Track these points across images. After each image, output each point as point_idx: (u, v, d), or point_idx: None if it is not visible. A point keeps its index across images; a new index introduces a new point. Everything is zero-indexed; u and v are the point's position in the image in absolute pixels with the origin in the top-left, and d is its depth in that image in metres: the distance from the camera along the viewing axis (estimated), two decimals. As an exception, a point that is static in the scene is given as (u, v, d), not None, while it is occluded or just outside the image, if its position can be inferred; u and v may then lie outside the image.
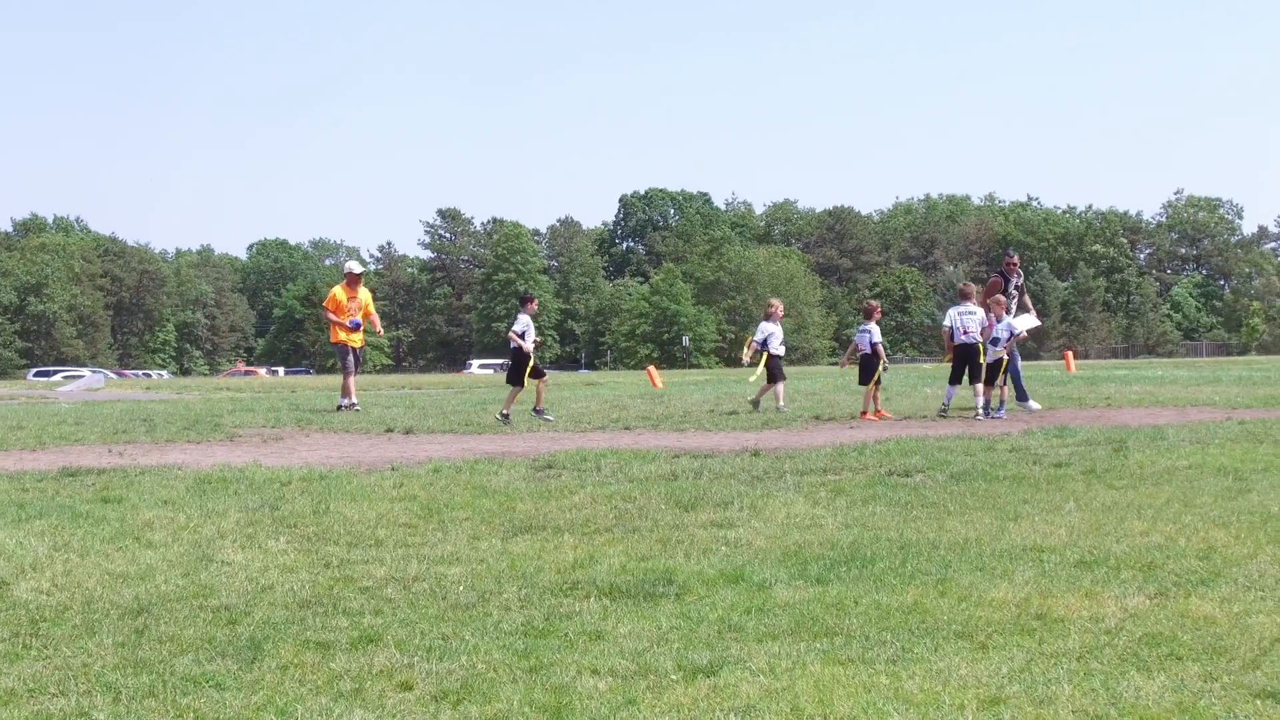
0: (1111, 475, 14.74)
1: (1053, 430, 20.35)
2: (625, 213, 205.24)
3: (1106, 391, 34.58)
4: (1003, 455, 16.90)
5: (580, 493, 13.69)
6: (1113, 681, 6.63)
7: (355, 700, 6.52)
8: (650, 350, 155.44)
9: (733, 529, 11.44)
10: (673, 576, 9.29)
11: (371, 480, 14.84)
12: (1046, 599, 8.45)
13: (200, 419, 26.59)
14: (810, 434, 21.51)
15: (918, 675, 6.79)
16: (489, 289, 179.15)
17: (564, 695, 6.53)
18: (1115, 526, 11.24)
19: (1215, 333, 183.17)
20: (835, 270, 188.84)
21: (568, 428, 23.58)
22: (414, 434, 22.51)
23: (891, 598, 8.57)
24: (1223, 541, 10.44)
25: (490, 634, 7.74)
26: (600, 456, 16.88)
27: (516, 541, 10.95)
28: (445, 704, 6.46)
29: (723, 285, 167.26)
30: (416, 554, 10.37)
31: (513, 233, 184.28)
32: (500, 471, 15.55)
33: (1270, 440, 18.21)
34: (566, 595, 8.81)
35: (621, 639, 7.58)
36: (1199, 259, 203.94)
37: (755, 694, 6.52)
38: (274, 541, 10.99)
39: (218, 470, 15.59)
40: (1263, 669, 6.81)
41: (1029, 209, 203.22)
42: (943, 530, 11.21)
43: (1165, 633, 7.54)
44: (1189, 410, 25.81)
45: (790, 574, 9.37)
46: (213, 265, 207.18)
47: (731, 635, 7.67)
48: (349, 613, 8.35)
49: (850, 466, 15.87)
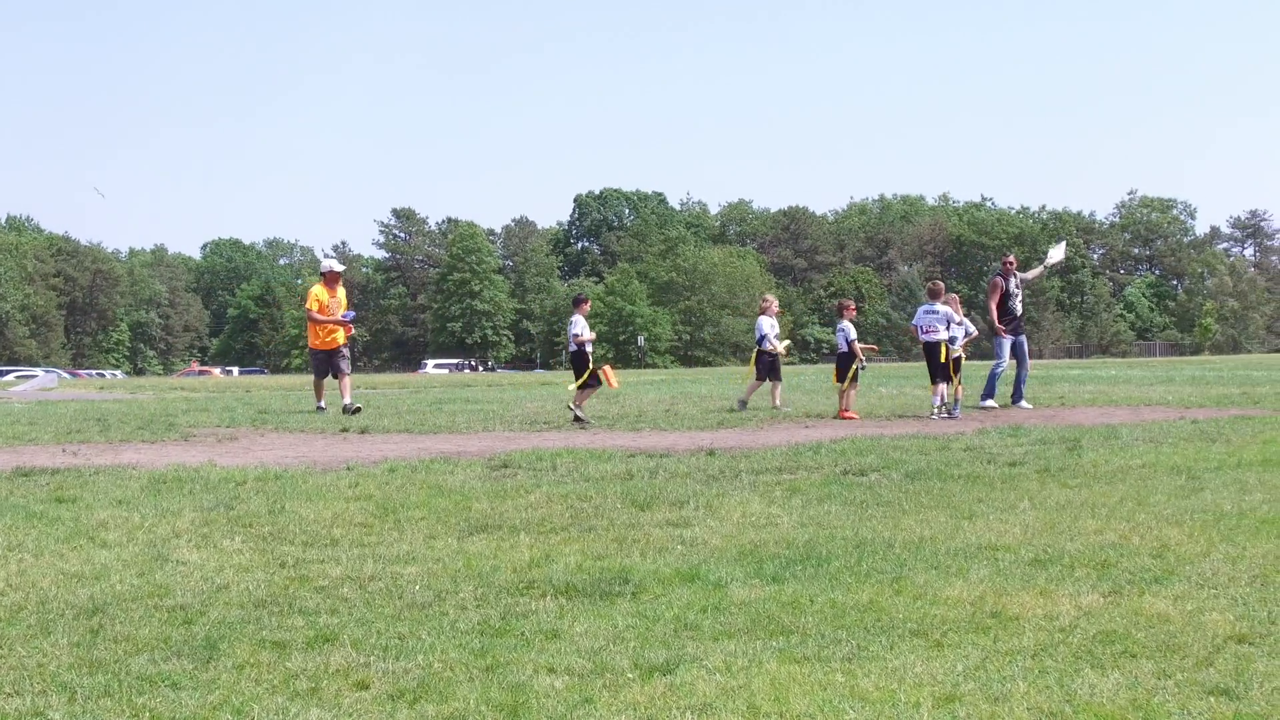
0: (1066, 474, 14.81)
1: (1007, 429, 20.45)
2: (580, 213, 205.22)
3: (1060, 391, 34.80)
4: (957, 454, 16.98)
5: (536, 492, 13.69)
6: (1067, 679, 6.66)
7: (311, 699, 6.51)
8: (606, 350, 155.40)
9: (688, 528, 11.44)
10: (629, 575, 9.30)
11: (327, 480, 14.82)
12: (1001, 597, 8.48)
13: (155, 419, 26.52)
14: (766, 433, 21.54)
15: (873, 673, 6.81)
16: (444, 289, 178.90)
17: (521, 694, 6.52)
18: (1069, 525, 11.28)
19: (1169, 333, 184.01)
20: (790, 270, 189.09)
21: (523, 427, 23.57)
22: (369, 434, 22.47)
23: (847, 596, 8.59)
24: (1176, 540, 10.49)
25: (446, 633, 7.73)
26: (556, 456, 16.88)
27: (472, 541, 10.93)
28: (402, 703, 6.45)
29: (678, 285, 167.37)
30: (372, 553, 10.34)
31: (468, 232, 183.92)
32: (456, 471, 15.54)
33: (1223, 439, 18.33)
34: (523, 594, 8.80)
35: (578, 638, 7.58)
36: (1152, 259, 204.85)
37: (711, 692, 6.53)
38: (229, 541, 10.95)
39: (172, 470, 15.55)
40: (1215, 666, 6.85)
41: (983, 209, 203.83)
42: (898, 529, 11.23)
43: (1119, 630, 7.57)
44: (1142, 410, 25.97)
45: (746, 573, 9.39)
46: (167, 265, 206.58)
47: (687, 634, 7.67)
48: (305, 612, 8.33)
49: (806, 466, 15.91)
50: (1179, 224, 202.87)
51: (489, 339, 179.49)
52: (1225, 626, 7.61)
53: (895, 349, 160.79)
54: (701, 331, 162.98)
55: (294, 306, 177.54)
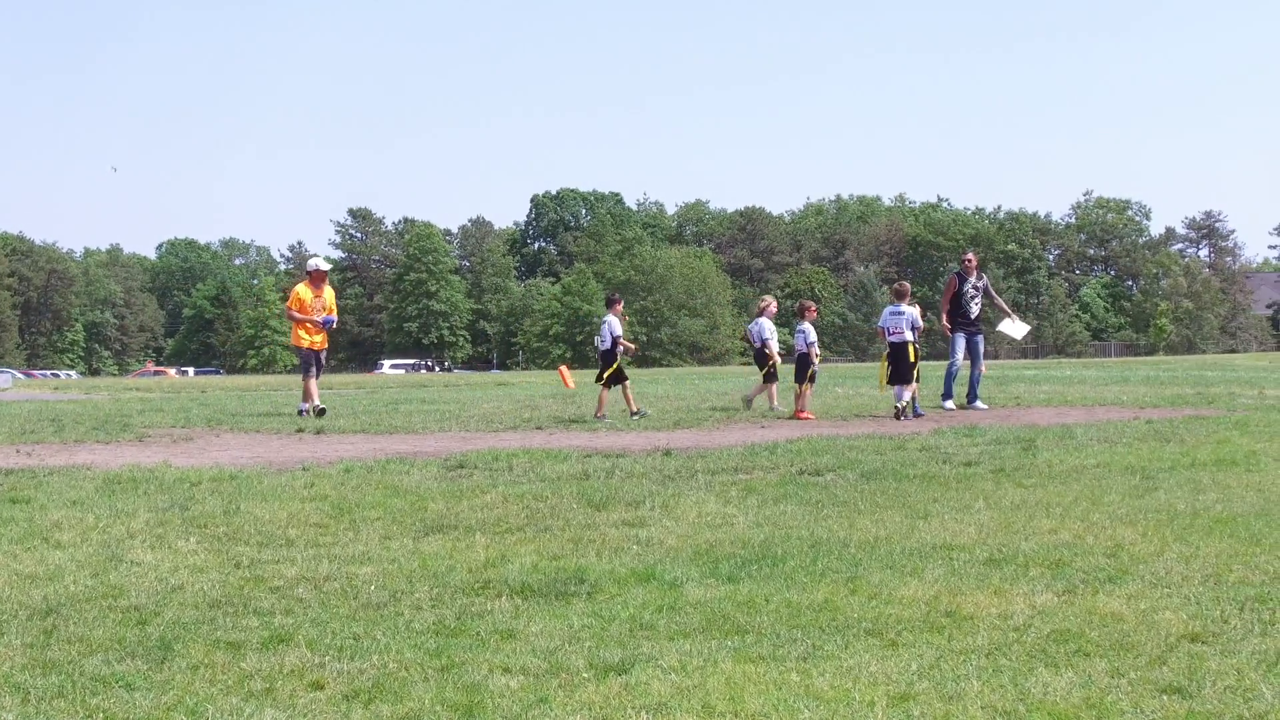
0: (1020, 474, 14.87)
1: (962, 429, 20.52)
2: (537, 213, 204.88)
3: (1016, 391, 34.91)
4: (913, 454, 17.03)
5: (492, 492, 13.69)
6: (1021, 678, 6.68)
7: (266, 700, 6.50)
8: (563, 350, 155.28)
9: (644, 528, 11.46)
10: (584, 575, 9.30)
11: (282, 480, 14.79)
12: (956, 596, 8.51)
13: (109, 419, 26.46)
14: (722, 433, 21.58)
15: (828, 672, 6.82)
16: (400, 289, 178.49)
17: (476, 694, 6.52)
18: (1024, 524, 11.32)
19: (1124, 333, 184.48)
20: (747, 270, 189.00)
21: (479, 427, 23.55)
22: (325, 434, 22.45)
23: (802, 596, 8.60)
24: (1130, 539, 10.54)
25: (402, 633, 7.72)
26: (512, 456, 16.89)
27: (428, 541, 10.93)
28: (357, 703, 6.44)
29: (634, 285, 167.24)
30: (328, 554, 10.33)
31: (424, 233, 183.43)
32: (412, 471, 15.53)
33: (1177, 439, 18.41)
34: (478, 594, 8.80)
35: (533, 637, 7.58)
36: (1107, 260, 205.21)
37: (666, 692, 6.53)
38: (184, 542, 10.92)
39: (127, 470, 15.51)
40: (1169, 665, 6.88)
41: (939, 210, 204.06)
42: (853, 529, 11.26)
43: (1073, 629, 7.60)
44: (1097, 410, 26.08)
45: (701, 572, 9.40)
46: (122, 265, 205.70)
47: (643, 633, 7.68)
48: (260, 612, 8.31)
49: (762, 465, 15.94)
50: (1134, 225, 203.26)
51: (445, 339, 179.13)
52: (1178, 625, 7.65)
53: (851, 349, 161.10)
54: (658, 332, 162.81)
55: (250, 307, 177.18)
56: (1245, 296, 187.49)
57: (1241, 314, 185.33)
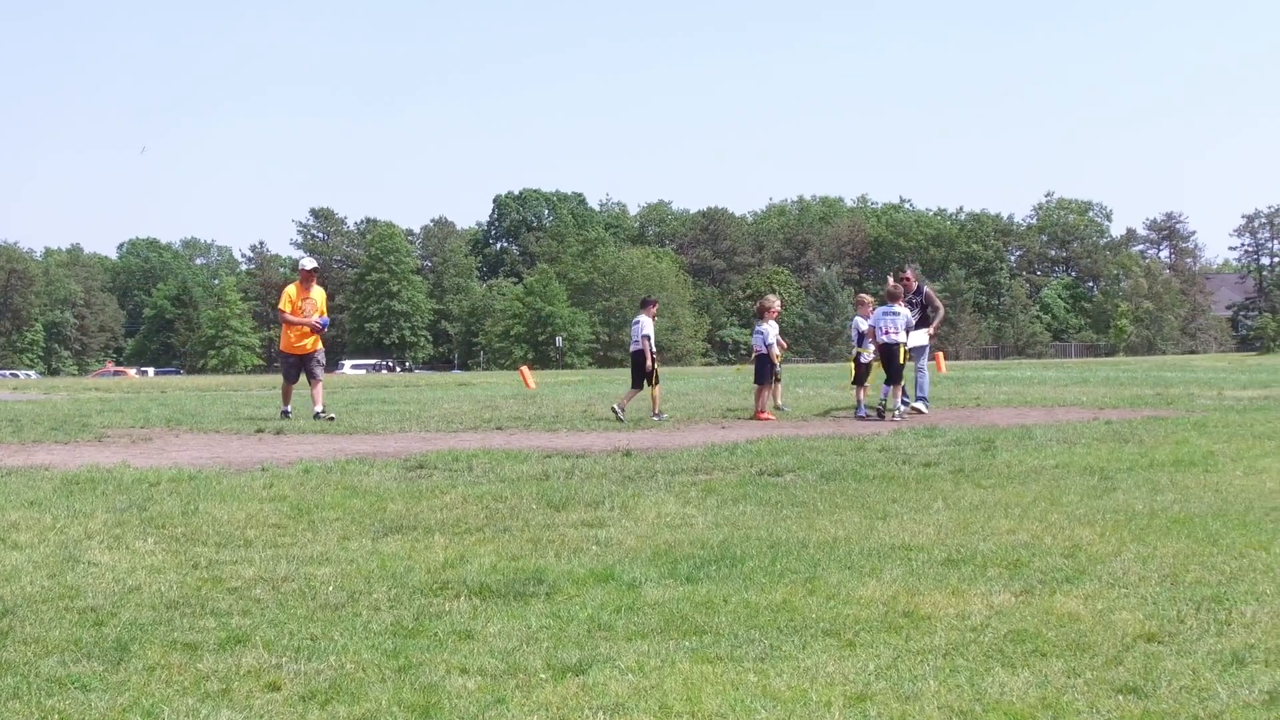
0: (979, 474, 14.90)
1: (922, 430, 20.56)
2: (499, 213, 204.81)
3: (975, 392, 35.00)
4: (872, 455, 17.06)
5: (452, 493, 13.68)
6: (978, 678, 6.70)
7: (222, 701, 6.48)
8: (525, 351, 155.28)
9: (603, 528, 11.46)
10: (543, 576, 9.29)
11: (241, 481, 14.75)
12: (914, 597, 8.52)
13: (68, 419, 26.37)
14: (682, 434, 21.58)
15: (785, 673, 6.83)
16: (362, 289, 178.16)
17: (433, 694, 6.51)
18: (982, 525, 11.35)
19: (1084, 334, 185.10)
20: (709, 271, 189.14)
21: (439, 428, 23.53)
22: (285, 434, 22.40)
23: (760, 596, 8.61)
24: (1088, 539, 10.57)
25: (359, 634, 7.71)
26: (472, 456, 16.88)
27: (387, 541, 10.91)
28: (313, 704, 6.43)
29: (596, 286, 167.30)
30: (286, 554, 10.31)
31: (386, 233, 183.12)
32: (371, 472, 15.50)
33: (1136, 440, 18.48)
34: (436, 595, 8.79)
35: (491, 638, 7.58)
36: (1068, 261, 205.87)
37: (624, 692, 6.53)
38: (142, 542, 10.88)
39: (85, 471, 15.45)
40: (1125, 665, 6.90)
41: (901, 211, 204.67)
42: (812, 529, 11.27)
43: (1030, 629, 7.62)
44: (1057, 410, 26.17)
45: (660, 573, 9.40)
46: (82, 264, 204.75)
47: (601, 634, 7.68)
48: (217, 613, 8.29)
49: (721, 466, 15.95)
50: (1095, 226, 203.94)
51: (407, 339, 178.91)
52: (1135, 625, 7.67)
53: (813, 350, 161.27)
54: (620, 333, 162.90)
55: (210, 307, 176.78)
56: (1205, 298, 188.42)
57: (1201, 315, 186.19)
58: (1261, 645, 7.23)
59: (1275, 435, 19.03)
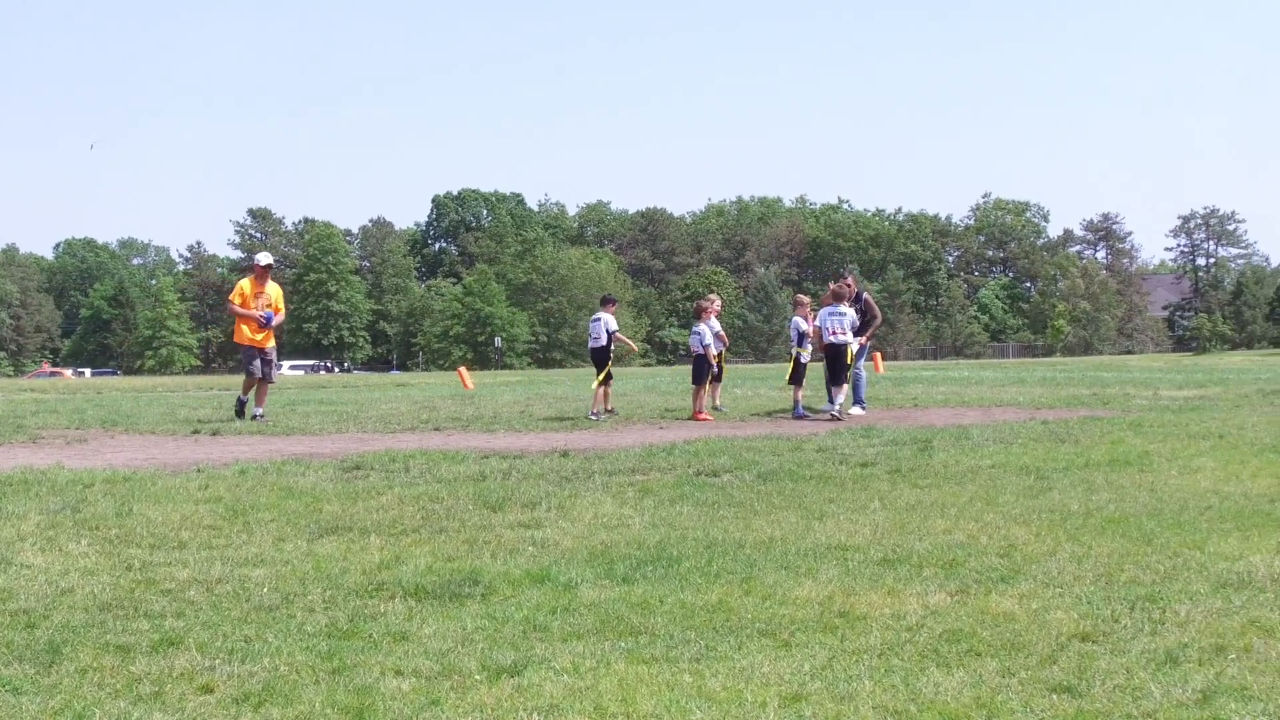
0: (916, 475, 14.95)
1: (859, 430, 20.61)
2: (438, 213, 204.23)
3: (913, 392, 35.09)
4: (809, 455, 17.09)
5: (388, 494, 13.65)
6: (913, 678, 6.72)
7: (155, 703, 6.45)
8: (464, 351, 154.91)
9: (540, 529, 11.46)
10: (479, 577, 9.29)
11: (176, 482, 14.68)
12: (850, 597, 8.55)
13: (2, 420, 26.23)
14: (619, 435, 21.59)
15: (721, 673, 6.84)
16: (300, 289, 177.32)
17: (367, 696, 6.50)
18: (919, 525, 11.40)
19: (1021, 334, 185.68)
20: (647, 272, 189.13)
21: (376, 429, 23.47)
22: (221, 435, 22.31)
23: (697, 597, 8.62)
24: (1023, 539, 10.62)
25: (294, 636, 7.68)
26: (409, 457, 16.84)
27: (322, 543, 10.88)
28: (247, 706, 6.41)
29: (535, 286, 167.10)
30: (220, 556, 10.27)
31: (324, 233, 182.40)
32: (307, 473, 15.45)
33: (1072, 440, 18.57)
34: (372, 596, 8.77)
35: (426, 639, 7.57)
36: (1006, 261, 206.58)
37: (559, 693, 6.53)
38: (75, 544, 10.82)
39: (19, 472, 15.35)
40: (1059, 664, 6.94)
41: (840, 211, 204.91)
42: (749, 529, 11.29)
43: (965, 629, 7.65)
44: (993, 411, 26.29)
45: (596, 574, 9.40)
46: (18, 264, 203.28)
47: (536, 635, 7.67)
48: (150, 615, 8.25)
49: (658, 467, 15.96)
50: (1032, 227, 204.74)
51: (345, 340, 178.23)
52: (1069, 625, 7.72)
53: (752, 350, 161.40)
54: (559, 333, 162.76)
55: (148, 308, 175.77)
56: (1142, 298, 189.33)
57: (1138, 315, 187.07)
58: (1195, 644, 7.29)
59: (1210, 435, 19.15)
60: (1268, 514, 11.90)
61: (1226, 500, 12.76)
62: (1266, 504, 12.53)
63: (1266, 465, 15.53)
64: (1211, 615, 7.95)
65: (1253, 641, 7.35)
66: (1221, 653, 7.14)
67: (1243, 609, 8.13)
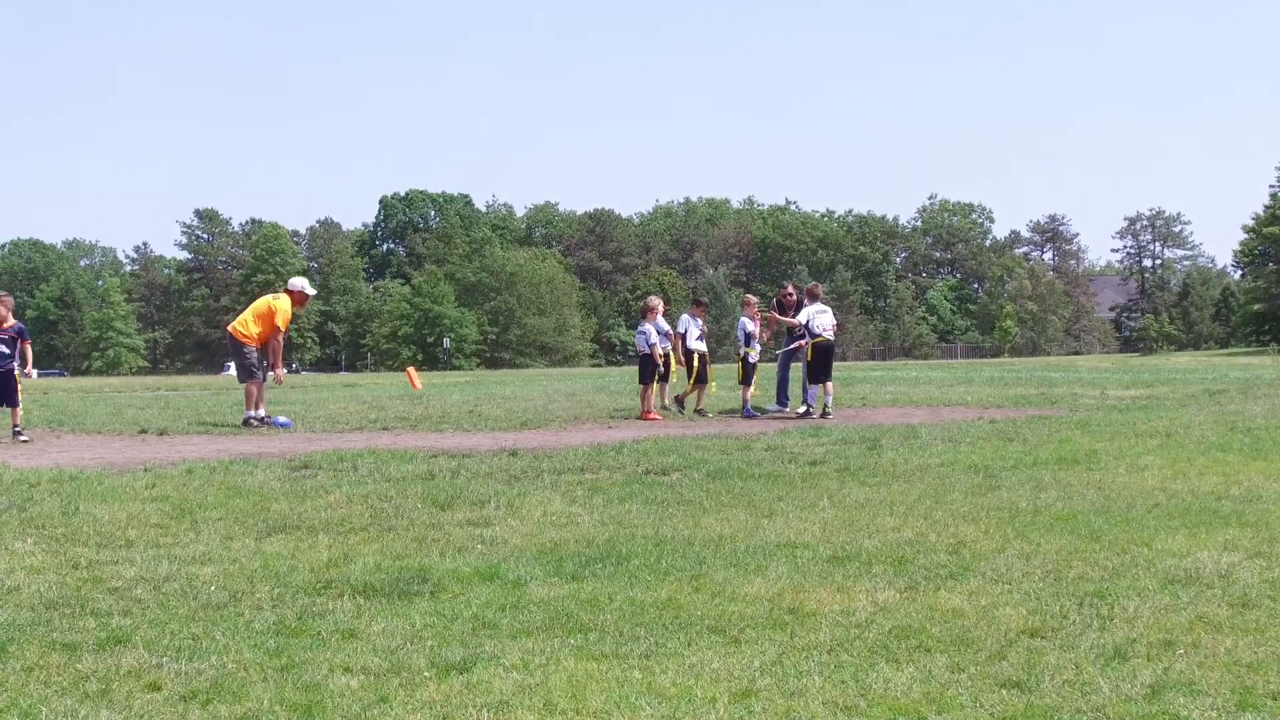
0: (865, 473, 14.99)
1: (808, 429, 20.68)
2: (386, 214, 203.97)
3: (862, 392, 35.20)
4: (759, 453, 17.12)
5: (336, 492, 13.61)
6: (862, 673, 6.72)
7: (102, 701, 6.41)
8: (413, 352, 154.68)
9: (489, 527, 11.44)
10: (428, 575, 9.26)
11: (123, 481, 14.61)
12: (799, 594, 8.55)
13: (-53, 421, 26.03)
14: (569, 434, 21.58)
15: (670, 670, 6.83)
16: (247, 290, 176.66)
17: (315, 693, 6.47)
18: (868, 522, 11.42)
19: (969, 335, 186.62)
20: (595, 273, 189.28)
21: (325, 428, 23.41)
22: (169, 435, 22.23)
23: (646, 594, 8.61)
24: (972, 536, 10.65)
25: (241, 633, 7.65)
26: (357, 456, 16.81)
27: (270, 541, 10.84)
28: (194, 704, 6.37)
29: (484, 287, 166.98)
30: (168, 554, 10.22)
31: (271, 234, 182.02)
32: (255, 472, 15.40)
33: (1019, 438, 18.65)
34: (320, 594, 8.74)
35: (375, 637, 7.54)
36: (953, 263, 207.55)
37: (508, 690, 6.51)
38: (21, 543, 10.76)
39: (-37, 472, 15.27)
40: (1008, 659, 6.95)
41: (788, 213, 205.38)
42: (698, 527, 11.30)
43: (914, 625, 7.66)
44: (942, 410, 26.41)
45: (546, 571, 9.39)
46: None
47: (485, 632, 7.65)
48: (97, 614, 8.20)
49: (608, 465, 15.95)
50: (979, 228, 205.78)
51: (293, 341, 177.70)
52: (1018, 621, 7.74)
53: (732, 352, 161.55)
54: (508, 333, 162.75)
55: (94, 308, 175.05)
56: (1089, 299, 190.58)
57: (1085, 316, 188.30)
58: (1143, 639, 7.31)
59: (1157, 434, 19.25)
60: (1214, 511, 11.97)
61: (1173, 498, 12.82)
62: (1213, 501, 12.60)
63: (1213, 463, 15.62)
64: (1159, 611, 7.98)
65: (1200, 637, 7.38)
66: (1169, 648, 7.16)
67: (1190, 605, 8.17)
